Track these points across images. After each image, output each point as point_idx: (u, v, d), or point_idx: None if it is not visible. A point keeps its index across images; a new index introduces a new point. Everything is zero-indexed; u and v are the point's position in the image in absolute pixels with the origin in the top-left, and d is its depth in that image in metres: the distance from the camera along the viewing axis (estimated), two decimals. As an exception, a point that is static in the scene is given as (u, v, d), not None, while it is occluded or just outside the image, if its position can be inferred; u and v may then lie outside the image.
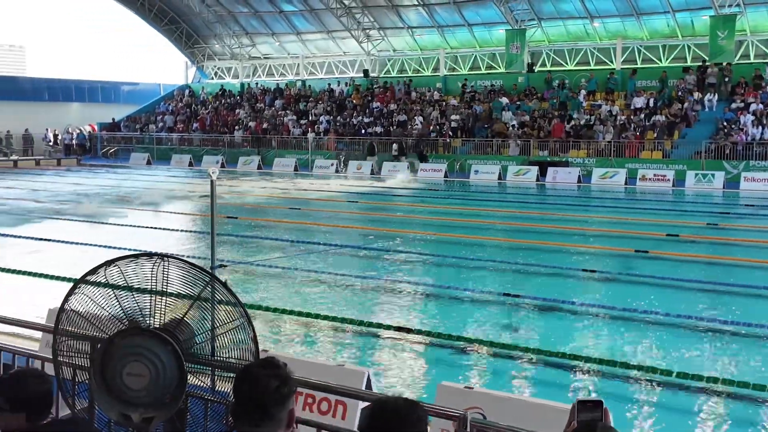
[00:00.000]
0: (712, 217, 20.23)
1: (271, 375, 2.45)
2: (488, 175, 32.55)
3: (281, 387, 2.44)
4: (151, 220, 19.44)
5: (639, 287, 12.04)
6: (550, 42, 40.59)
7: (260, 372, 2.47)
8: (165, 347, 2.58)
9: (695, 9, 35.23)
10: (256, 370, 2.49)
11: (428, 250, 15.29)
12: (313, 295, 11.32)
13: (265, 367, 2.48)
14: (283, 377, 2.47)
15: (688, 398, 7.32)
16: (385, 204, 24.56)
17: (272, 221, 19.47)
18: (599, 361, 8.10)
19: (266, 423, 2.42)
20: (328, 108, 43.31)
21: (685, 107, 32.93)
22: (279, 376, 2.46)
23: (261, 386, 2.42)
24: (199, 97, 50.80)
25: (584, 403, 2.51)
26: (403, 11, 43.02)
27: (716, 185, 28.11)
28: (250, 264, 13.32)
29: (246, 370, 2.49)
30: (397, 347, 8.79)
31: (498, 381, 7.71)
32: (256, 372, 2.48)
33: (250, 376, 2.47)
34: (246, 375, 2.49)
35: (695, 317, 9.88)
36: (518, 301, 10.85)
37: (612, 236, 17.17)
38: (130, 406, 2.57)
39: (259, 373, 2.47)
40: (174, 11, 50.83)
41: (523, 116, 36.21)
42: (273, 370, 2.48)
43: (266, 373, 2.46)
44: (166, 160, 42.01)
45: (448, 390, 5.57)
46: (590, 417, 2.49)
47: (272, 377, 2.44)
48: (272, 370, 2.48)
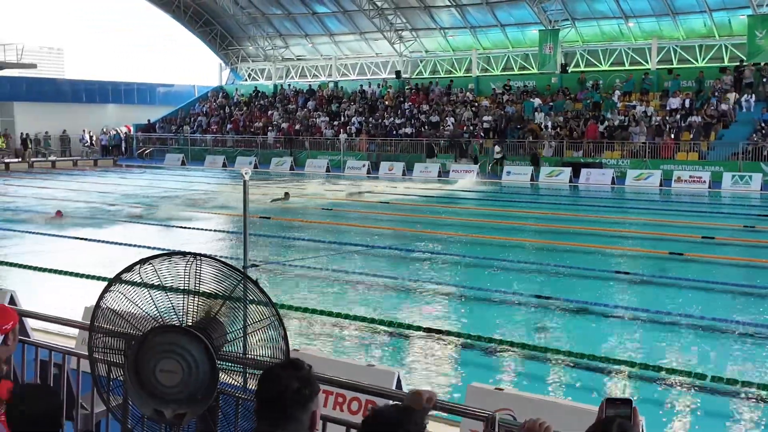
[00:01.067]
0: (749, 220, 19.91)
1: (293, 376, 2.46)
2: (520, 176, 32.37)
3: (302, 389, 2.45)
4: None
5: (673, 290, 11.90)
6: (583, 42, 40.24)
7: (281, 373, 2.49)
8: (198, 345, 2.62)
9: (732, 8, 34.67)
10: (278, 371, 2.51)
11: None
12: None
13: (287, 368, 2.49)
14: (304, 379, 2.48)
15: (723, 402, 7.23)
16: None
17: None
18: (632, 364, 8.03)
19: (287, 424, 2.43)
20: (360, 109, 43.41)
21: (722, 107, 32.42)
22: (300, 378, 2.47)
23: (281, 387, 2.44)
24: (233, 98, 51.24)
25: (613, 401, 2.52)
26: (435, 12, 42.97)
27: (754, 187, 27.63)
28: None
29: (268, 371, 2.51)
30: (428, 348, 8.80)
31: (529, 383, 7.69)
32: (277, 373, 2.50)
33: (271, 377, 2.49)
34: (267, 376, 2.51)
35: (730, 320, 9.75)
36: (550, 303, 10.79)
37: (646, 238, 16.98)
38: (162, 403, 2.62)
39: (281, 374, 2.48)
40: (208, 13, 51.34)
41: (557, 117, 35.95)
42: (295, 371, 2.49)
43: (287, 374, 2.47)
44: (200, 161, 42.44)
45: (479, 391, 5.57)
46: (619, 414, 2.48)
47: (293, 378, 2.45)
48: (294, 371, 2.49)
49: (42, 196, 25.38)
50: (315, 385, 2.51)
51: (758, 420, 6.89)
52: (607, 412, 2.49)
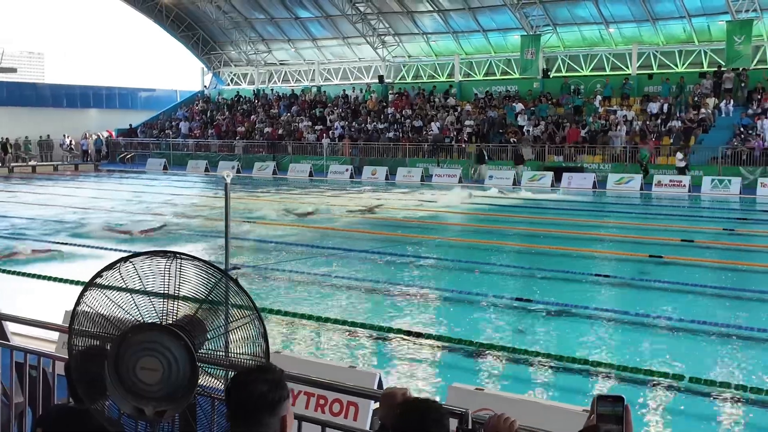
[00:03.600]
0: (729, 223, 20.12)
1: (262, 381, 2.48)
2: (503, 180, 32.50)
3: (270, 393, 2.46)
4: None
5: (652, 292, 12.01)
6: (565, 47, 40.53)
7: (250, 377, 2.51)
8: (178, 343, 2.64)
9: (712, 14, 35.08)
10: (247, 375, 2.53)
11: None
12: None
13: (257, 372, 2.51)
14: (273, 383, 2.49)
15: (701, 403, 7.31)
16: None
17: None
18: (611, 366, 8.10)
19: (256, 428, 2.45)
20: (343, 114, 43.46)
21: (702, 113, 32.77)
22: (268, 381, 2.48)
23: (250, 392, 2.45)
24: (215, 103, 51.12)
25: (604, 398, 2.49)
26: (418, 17, 43.13)
27: (733, 191, 27.94)
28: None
29: (237, 375, 2.54)
30: (411, 350, 8.83)
31: (510, 384, 7.74)
32: (246, 377, 2.52)
33: (240, 381, 2.51)
34: (237, 380, 2.53)
35: (709, 323, 9.85)
36: (531, 305, 10.86)
37: (626, 241, 17.12)
38: (143, 400, 2.63)
39: (249, 378, 2.50)
40: (190, 18, 51.20)
41: (538, 122, 36.17)
42: (263, 375, 2.51)
43: (255, 378, 2.49)
44: (182, 165, 42.28)
45: (459, 391, 5.61)
46: (611, 411, 2.46)
47: (261, 382, 2.47)
48: (262, 375, 2.51)
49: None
50: (284, 390, 2.51)
51: (736, 420, 6.98)
52: (599, 409, 2.47)
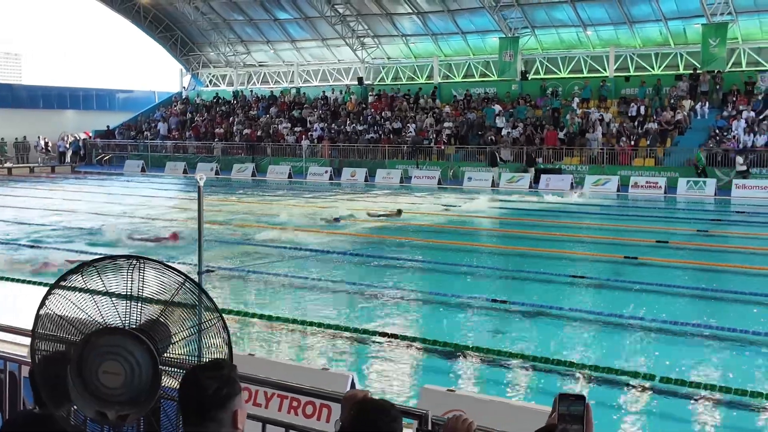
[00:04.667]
0: (703, 224, 20.34)
1: (212, 377, 2.50)
2: (481, 182, 32.65)
3: (221, 388, 2.49)
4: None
5: (627, 293, 12.13)
6: (543, 50, 40.77)
7: (200, 374, 2.54)
8: (140, 346, 2.64)
9: (687, 17, 35.44)
10: (197, 372, 2.56)
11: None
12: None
13: (207, 369, 2.55)
14: (224, 379, 2.52)
15: (673, 403, 7.39)
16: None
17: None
18: (586, 366, 8.16)
19: (208, 424, 2.48)
20: (323, 115, 43.43)
21: (678, 115, 33.11)
22: (219, 378, 2.51)
23: (200, 388, 2.48)
24: (194, 104, 50.88)
25: (566, 396, 2.51)
26: (397, 19, 43.19)
27: (708, 192, 28.25)
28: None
29: (188, 373, 2.57)
30: (386, 352, 8.85)
31: (484, 385, 7.78)
32: (196, 374, 2.54)
33: (190, 378, 2.54)
34: (187, 377, 2.56)
35: (683, 323, 9.96)
36: (507, 306, 10.92)
37: (602, 242, 17.25)
38: (106, 404, 2.63)
39: (199, 374, 2.53)
40: (169, 19, 50.94)
41: (516, 124, 36.36)
42: (214, 371, 2.54)
43: (206, 374, 2.52)
44: (161, 167, 42.05)
45: (431, 393, 5.64)
46: (572, 410, 2.48)
47: (212, 379, 2.50)
48: (213, 371, 2.54)
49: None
50: (236, 385, 2.54)
51: (708, 420, 7.06)
52: (560, 408, 2.50)
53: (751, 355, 8.92)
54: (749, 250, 16.08)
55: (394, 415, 2.66)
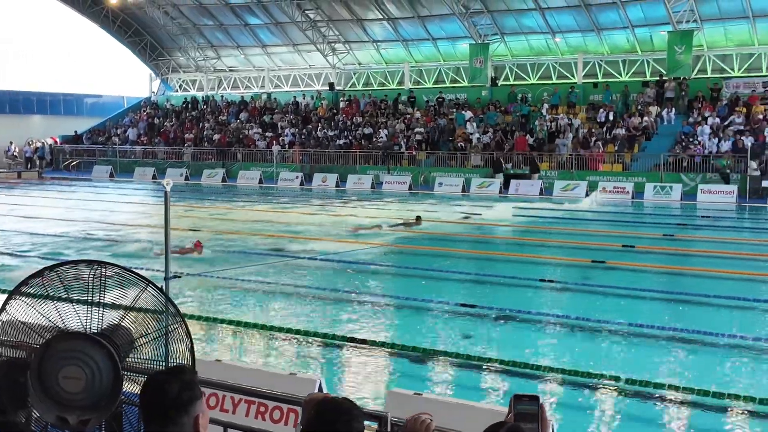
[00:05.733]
0: (669, 229, 20.63)
1: (173, 381, 2.52)
2: (452, 187, 32.81)
3: (182, 393, 2.50)
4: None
5: (594, 297, 12.27)
6: (513, 56, 41.12)
7: (161, 378, 2.56)
8: (101, 351, 2.64)
9: (654, 24, 35.98)
10: (158, 376, 2.58)
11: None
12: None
13: (169, 373, 2.56)
14: (185, 383, 2.53)
15: (639, 404, 7.49)
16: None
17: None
18: (554, 370, 8.25)
19: (169, 428, 2.49)
20: (293, 121, 43.36)
21: (645, 121, 33.58)
22: (180, 382, 2.53)
23: (161, 392, 2.50)
24: (163, 109, 50.51)
25: (521, 397, 2.58)
26: (367, 25, 43.29)
27: (674, 197, 28.67)
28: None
29: (149, 377, 2.58)
30: (355, 356, 8.87)
31: (452, 389, 7.83)
32: (157, 378, 2.56)
33: (151, 383, 2.55)
34: (148, 380, 2.57)
35: (650, 326, 10.09)
36: (476, 311, 10.98)
37: (570, 247, 17.43)
38: (66, 409, 2.62)
39: (160, 379, 2.55)
40: (138, 23, 50.53)
41: (487, 129, 36.60)
42: (175, 376, 2.56)
43: (167, 379, 2.54)
44: (129, 172, 41.68)
45: (398, 396, 5.67)
46: (527, 409, 2.55)
47: (173, 383, 2.51)
48: (175, 376, 2.56)
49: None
50: (196, 390, 2.56)
51: (670, 421, 7.17)
52: (516, 408, 2.56)
53: (715, 356, 9.07)
54: (713, 254, 16.34)
55: (355, 414, 2.67)
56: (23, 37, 50.41)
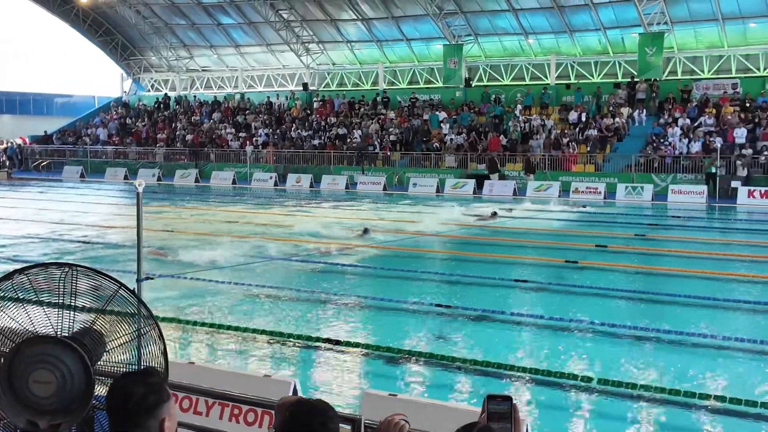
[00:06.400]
0: (641, 229, 20.84)
1: (139, 384, 2.50)
2: (426, 188, 32.88)
3: (148, 395, 2.48)
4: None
5: (568, 296, 12.35)
6: (486, 57, 41.31)
7: (128, 380, 2.53)
8: (72, 355, 2.60)
9: (625, 26, 36.36)
10: (125, 378, 2.55)
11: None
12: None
13: (136, 375, 2.53)
14: (151, 386, 2.51)
15: (611, 403, 7.55)
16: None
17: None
18: (528, 370, 8.29)
19: (135, 430, 2.47)
20: (267, 121, 43.18)
21: (617, 122, 33.91)
22: (147, 385, 2.50)
23: (126, 394, 2.48)
24: (135, 109, 50.05)
25: (494, 397, 2.59)
26: (341, 25, 43.25)
27: (645, 198, 28.98)
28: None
29: (116, 378, 2.55)
30: (330, 358, 8.85)
31: (428, 389, 7.83)
32: (124, 380, 2.54)
33: (117, 385, 2.53)
34: (114, 383, 2.55)
35: (622, 325, 10.18)
36: (451, 311, 11.01)
37: (544, 247, 17.54)
38: (37, 414, 2.58)
39: (126, 381, 2.53)
40: (109, 23, 50.03)
41: (461, 130, 36.74)
42: (143, 378, 2.54)
43: (133, 381, 2.51)
44: (101, 173, 41.24)
45: (374, 398, 5.66)
46: (500, 409, 2.56)
47: (140, 386, 2.49)
48: (142, 378, 2.53)
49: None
50: (163, 393, 2.53)
51: (642, 420, 7.24)
52: (489, 407, 2.57)
53: (686, 355, 9.17)
54: (684, 254, 16.53)
55: (330, 415, 2.65)
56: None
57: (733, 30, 34.80)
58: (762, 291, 12.82)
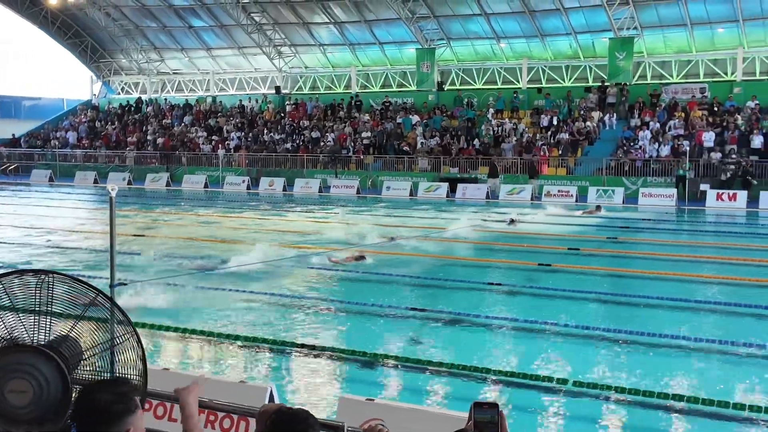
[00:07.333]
0: (612, 231, 21.03)
1: (106, 392, 2.46)
2: (399, 191, 32.92)
3: (115, 404, 2.44)
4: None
5: (541, 299, 12.42)
6: (459, 61, 41.50)
7: (95, 389, 2.49)
8: (49, 364, 2.56)
9: (596, 31, 36.75)
10: (92, 387, 2.50)
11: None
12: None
13: (103, 384, 2.50)
14: (119, 395, 2.47)
15: (585, 405, 7.60)
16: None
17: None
18: (502, 372, 8.32)
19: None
20: (239, 124, 42.96)
21: (588, 125, 34.24)
22: (115, 393, 2.47)
23: (93, 402, 2.44)
24: (105, 112, 49.51)
25: (480, 404, 2.59)
26: (314, 28, 43.18)
27: (616, 200, 29.27)
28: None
29: (84, 386, 2.51)
30: (306, 363, 8.81)
31: (403, 393, 7.83)
32: (90, 389, 2.50)
33: (84, 393, 2.49)
34: (81, 391, 2.51)
35: (595, 327, 10.26)
36: (425, 314, 11.02)
37: (517, 250, 17.63)
38: (13, 423, 2.54)
39: (94, 389, 2.49)
40: (78, 25, 49.45)
41: (433, 134, 36.85)
42: (110, 387, 2.50)
43: (102, 389, 2.48)
44: (70, 177, 40.72)
45: (350, 402, 5.64)
46: (486, 417, 2.56)
47: (107, 394, 2.45)
48: (110, 387, 2.50)
49: None
50: (131, 402, 2.49)
51: (620, 422, 7.30)
52: (475, 415, 2.57)
53: (658, 357, 9.27)
54: (655, 256, 16.72)
55: (311, 422, 2.65)
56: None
57: (702, 35, 35.32)
58: (731, 292, 13.01)
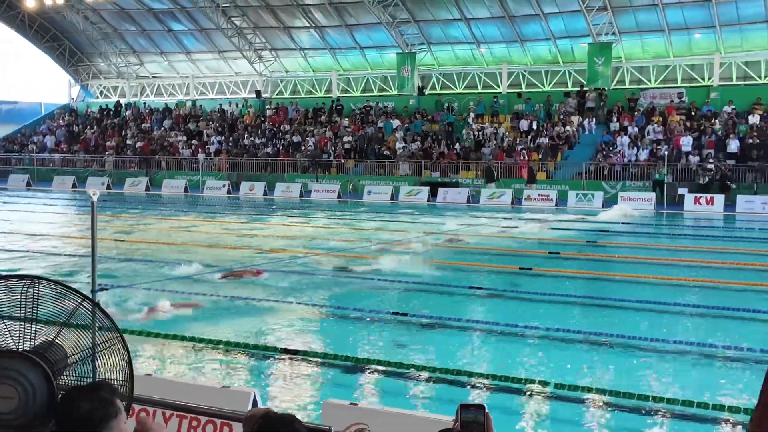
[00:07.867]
0: (592, 235, 21.18)
1: (87, 397, 2.43)
2: (381, 195, 32.96)
3: (96, 410, 2.41)
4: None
5: (523, 303, 12.49)
6: (439, 66, 41.65)
7: (75, 394, 2.46)
8: (35, 369, 2.54)
9: (575, 36, 37.04)
10: (72, 392, 2.48)
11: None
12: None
13: (83, 390, 2.47)
14: (98, 401, 2.44)
15: (567, 407, 7.65)
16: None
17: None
18: (484, 376, 8.35)
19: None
20: (220, 128, 42.81)
21: (568, 130, 34.47)
22: (96, 399, 2.44)
23: (71, 408, 2.42)
24: (83, 116, 49.14)
25: (467, 406, 2.60)
26: (294, 33, 43.15)
27: (596, 204, 29.47)
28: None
29: (65, 392, 2.48)
30: (289, 368, 8.80)
31: (387, 397, 7.83)
32: (70, 394, 2.47)
33: (65, 397, 2.46)
34: (62, 397, 2.48)
35: (575, 330, 10.33)
36: (407, 319, 11.04)
37: (499, 254, 17.71)
38: (-1, 429, 2.52)
39: (73, 395, 2.46)
40: (56, 28, 49.07)
41: (414, 138, 36.93)
42: (91, 392, 2.47)
43: (82, 395, 2.45)
44: (48, 181, 40.37)
45: (334, 407, 5.63)
46: (473, 419, 2.57)
47: (87, 399, 2.42)
48: (90, 392, 2.46)
49: None
50: (113, 408, 2.46)
51: (600, 424, 7.35)
52: (462, 417, 2.58)
53: (638, 359, 9.35)
54: (634, 260, 16.86)
55: (297, 426, 2.66)
56: (-67, 41, 48.30)
57: (679, 41, 35.71)
58: (708, 295, 13.14)
